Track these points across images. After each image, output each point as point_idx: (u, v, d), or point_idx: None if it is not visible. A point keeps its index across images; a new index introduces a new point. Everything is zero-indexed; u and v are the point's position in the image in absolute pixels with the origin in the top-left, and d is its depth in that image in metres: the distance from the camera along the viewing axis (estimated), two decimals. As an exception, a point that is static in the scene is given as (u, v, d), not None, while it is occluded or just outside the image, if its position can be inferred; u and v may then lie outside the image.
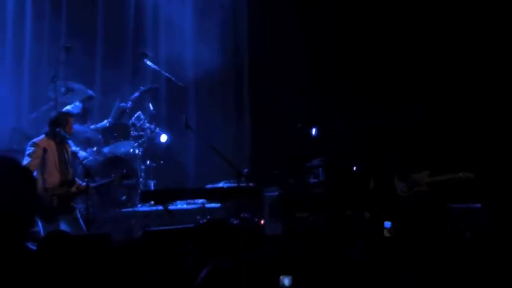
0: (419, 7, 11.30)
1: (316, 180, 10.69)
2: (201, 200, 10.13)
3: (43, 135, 8.17)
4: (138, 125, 10.40)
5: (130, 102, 10.59)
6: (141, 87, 10.94)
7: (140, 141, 10.40)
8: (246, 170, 10.98)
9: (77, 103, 10.00)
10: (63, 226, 7.81)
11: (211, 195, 10.04)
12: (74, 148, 8.95)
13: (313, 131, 11.61)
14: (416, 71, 11.14)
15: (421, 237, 7.25)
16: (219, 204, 10.15)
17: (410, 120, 8.67)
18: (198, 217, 9.58)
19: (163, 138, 10.85)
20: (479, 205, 8.68)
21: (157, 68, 11.33)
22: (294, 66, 12.51)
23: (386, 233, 8.36)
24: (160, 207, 9.42)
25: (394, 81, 11.30)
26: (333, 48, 12.28)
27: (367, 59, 11.84)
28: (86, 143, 10.13)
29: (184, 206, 10.18)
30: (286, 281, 5.12)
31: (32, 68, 10.78)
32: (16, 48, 10.72)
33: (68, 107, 9.69)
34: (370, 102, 11.37)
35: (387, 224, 8.38)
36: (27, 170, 3.31)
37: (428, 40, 11.22)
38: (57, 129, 8.11)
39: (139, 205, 9.94)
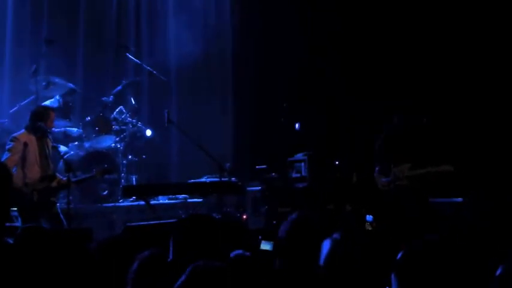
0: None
1: (298, 174, 10.71)
2: (183, 195, 10.11)
3: (23, 130, 8.10)
4: (120, 119, 10.36)
5: (111, 96, 10.53)
6: (123, 81, 10.89)
7: (122, 135, 10.36)
8: (229, 164, 10.96)
9: (57, 97, 9.93)
10: (44, 221, 7.75)
11: (193, 189, 10.03)
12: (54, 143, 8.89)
13: (297, 125, 11.62)
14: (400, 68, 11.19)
15: (402, 231, 7.27)
16: (201, 199, 10.15)
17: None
18: (180, 212, 9.57)
19: (149, 132, 10.83)
20: (460, 199, 8.71)
21: (139, 62, 11.30)
22: (279, 62, 12.52)
23: (368, 227, 8.39)
24: (142, 202, 9.40)
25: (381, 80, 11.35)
26: (324, 45, 12.31)
27: (356, 59, 11.90)
28: (67, 138, 10.08)
29: (166, 201, 10.16)
30: (268, 246, 5.13)
31: (13, 62, 10.68)
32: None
33: (47, 102, 9.62)
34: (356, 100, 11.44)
35: (369, 217, 8.41)
36: (1, 165, 3.27)
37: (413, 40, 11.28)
38: (38, 124, 8.04)
39: (121, 200, 9.91)
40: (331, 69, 12.11)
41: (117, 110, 10.40)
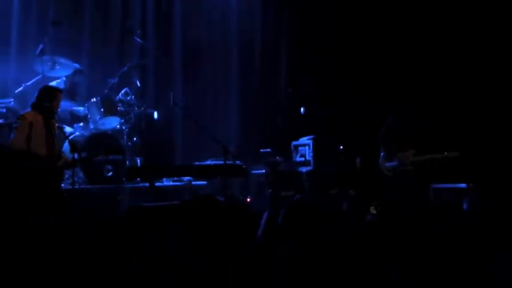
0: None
1: (302, 158, 10.72)
2: (187, 177, 10.12)
3: (29, 109, 8.13)
4: (126, 100, 10.36)
5: (117, 78, 10.53)
6: (129, 63, 10.88)
7: (127, 117, 10.36)
8: (233, 147, 10.98)
9: (63, 78, 9.94)
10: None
11: (197, 172, 10.04)
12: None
13: (302, 109, 11.64)
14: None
15: (405, 218, 7.28)
16: (205, 182, 10.17)
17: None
18: (184, 194, 9.59)
19: (155, 115, 10.86)
20: (464, 185, 8.73)
21: (145, 44, 11.30)
22: (283, 46, 12.57)
23: (372, 210, 8.40)
24: (146, 184, 9.43)
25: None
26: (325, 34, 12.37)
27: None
28: (73, 118, 10.10)
29: (171, 183, 10.17)
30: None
31: (19, 42, 10.67)
32: (3, 22, 10.61)
33: (53, 83, 9.62)
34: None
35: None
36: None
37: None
38: (45, 104, 8.06)
39: (125, 182, 9.93)
40: (336, 53, 12.16)
41: (122, 91, 10.39)
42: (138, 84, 10.86)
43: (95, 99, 9.96)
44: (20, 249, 5.04)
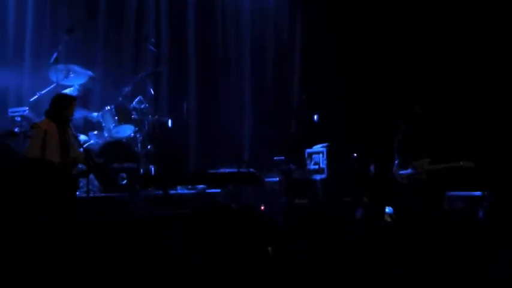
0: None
1: (316, 166, 10.70)
2: (201, 185, 10.12)
3: (44, 118, 8.16)
4: (139, 108, 10.38)
5: (130, 86, 10.56)
6: (142, 71, 10.92)
7: (141, 125, 10.38)
8: (247, 155, 10.98)
9: (76, 85, 9.97)
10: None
11: (211, 180, 10.03)
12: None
13: (315, 117, 11.62)
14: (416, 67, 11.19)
15: (419, 225, 7.25)
16: (219, 190, 10.16)
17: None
18: (198, 202, 9.58)
19: (169, 123, 10.88)
20: (479, 193, 8.67)
21: (159, 52, 11.34)
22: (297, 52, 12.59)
23: (387, 218, 8.37)
24: (160, 192, 9.43)
25: (393, 79, 11.36)
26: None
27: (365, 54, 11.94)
28: (86, 125, 10.13)
29: (185, 191, 10.17)
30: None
31: (33, 50, 10.73)
32: (17, 31, 10.67)
33: (67, 91, 9.66)
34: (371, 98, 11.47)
35: (389, 209, 8.38)
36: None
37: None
38: (60, 112, 8.09)
39: (139, 189, 9.93)
40: (349, 61, 12.16)
41: (136, 99, 10.42)
42: (152, 92, 10.89)
43: (109, 108, 9.98)
44: (30, 249, 5.08)
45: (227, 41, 12.64)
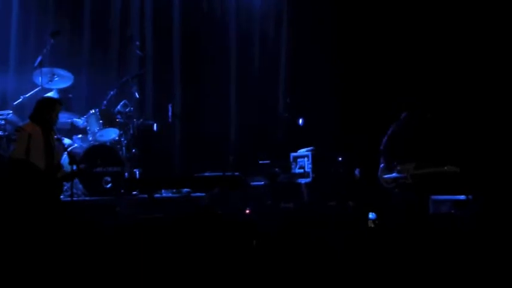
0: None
1: (301, 170, 10.72)
2: (186, 189, 10.10)
3: (28, 121, 8.12)
4: (124, 112, 10.35)
5: (115, 89, 10.52)
6: (127, 74, 10.90)
7: (126, 128, 10.35)
8: (232, 159, 10.97)
9: (56, 89, 9.91)
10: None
11: (196, 183, 10.02)
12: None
13: (300, 121, 11.64)
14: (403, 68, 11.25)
15: (404, 229, 7.28)
16: (204, 193, 10.15)
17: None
18: (183, 206, 9.57)
19: (155, 127, 10.86)
20: (463, 197, 8.72)
21: (144, 54, 11.33)
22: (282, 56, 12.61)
23: (370, 224, 8.40)
24: (145, 196, 9.41)
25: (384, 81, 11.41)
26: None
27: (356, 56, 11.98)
28: (72, 130, 10.09)
29: (170, 195, 10.15)
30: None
31: (17, 54, 10.68)
32: (2, 34, 10.62)
33: (49, 94, 9.62)
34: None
35: (372, 215, 8.41)
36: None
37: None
38: (44, 115, 8.05)
39: (124, 193, 9.90)
40: (334, 65, 12.20)
41: (121, 103, 10.39)
42: (137, 96, 10.86)
43: (93, 111, 9.95)
44: (19, 253, 5.06)
45: (213, 45, 12.62)
